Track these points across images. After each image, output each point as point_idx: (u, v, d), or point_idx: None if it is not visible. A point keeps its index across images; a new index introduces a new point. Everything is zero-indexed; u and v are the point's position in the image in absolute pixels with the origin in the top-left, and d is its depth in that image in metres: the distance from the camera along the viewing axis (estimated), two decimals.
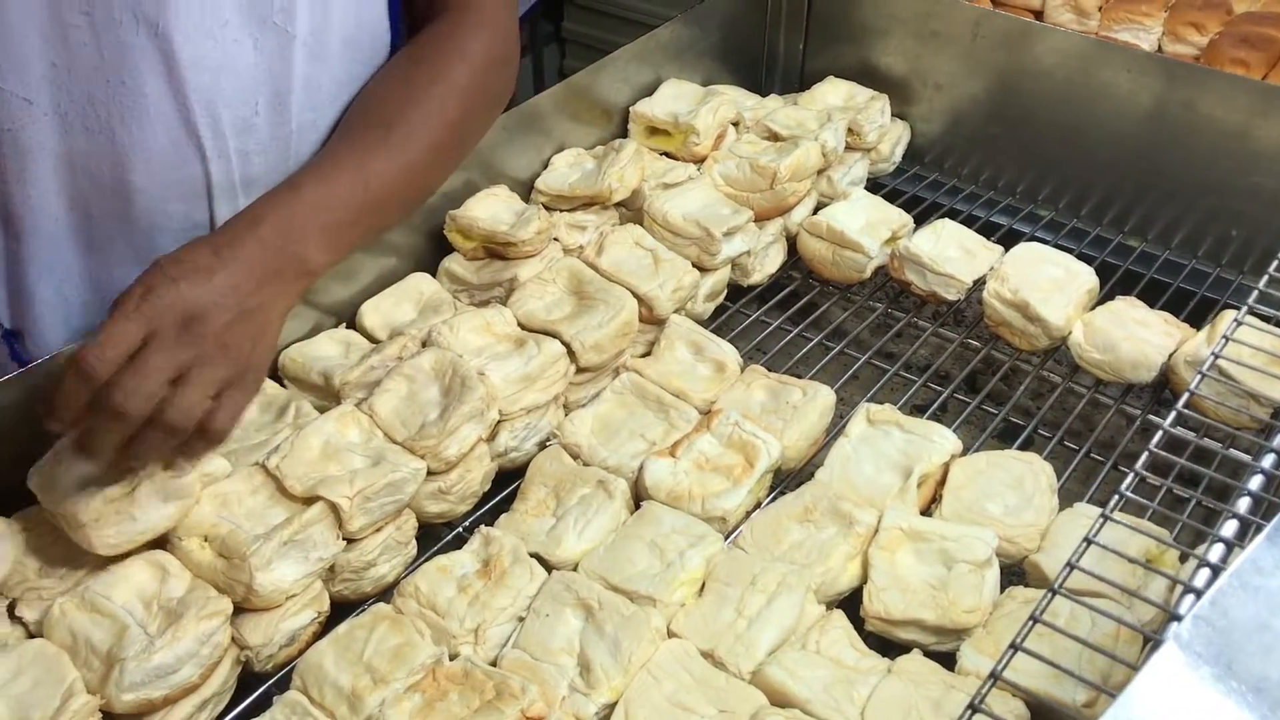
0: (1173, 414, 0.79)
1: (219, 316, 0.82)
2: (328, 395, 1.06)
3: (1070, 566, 0.69)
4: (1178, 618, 0.61)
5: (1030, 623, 0.66)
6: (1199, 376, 0.91)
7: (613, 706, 0.85)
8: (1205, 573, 0.71)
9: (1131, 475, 0.74)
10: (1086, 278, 1.25)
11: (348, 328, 1.17)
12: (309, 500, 0.92)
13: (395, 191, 0.98)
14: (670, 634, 0.91)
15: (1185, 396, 0.83)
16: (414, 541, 1.00)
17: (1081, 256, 1.31)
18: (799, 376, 1.16)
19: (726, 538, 0.99)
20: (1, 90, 0.92)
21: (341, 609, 0.95)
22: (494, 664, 0.88)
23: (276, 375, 1.10)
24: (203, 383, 0.81)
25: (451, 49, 1.04)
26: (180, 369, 0.80)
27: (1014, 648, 0.65)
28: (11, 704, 0.80)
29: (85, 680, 0.82)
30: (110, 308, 0.81)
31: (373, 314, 1.16)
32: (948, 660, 0.90)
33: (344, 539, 0.93)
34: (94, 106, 0.94)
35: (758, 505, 1.05)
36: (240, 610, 0.89)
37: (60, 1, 0.89)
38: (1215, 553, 0.73)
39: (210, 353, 0.81)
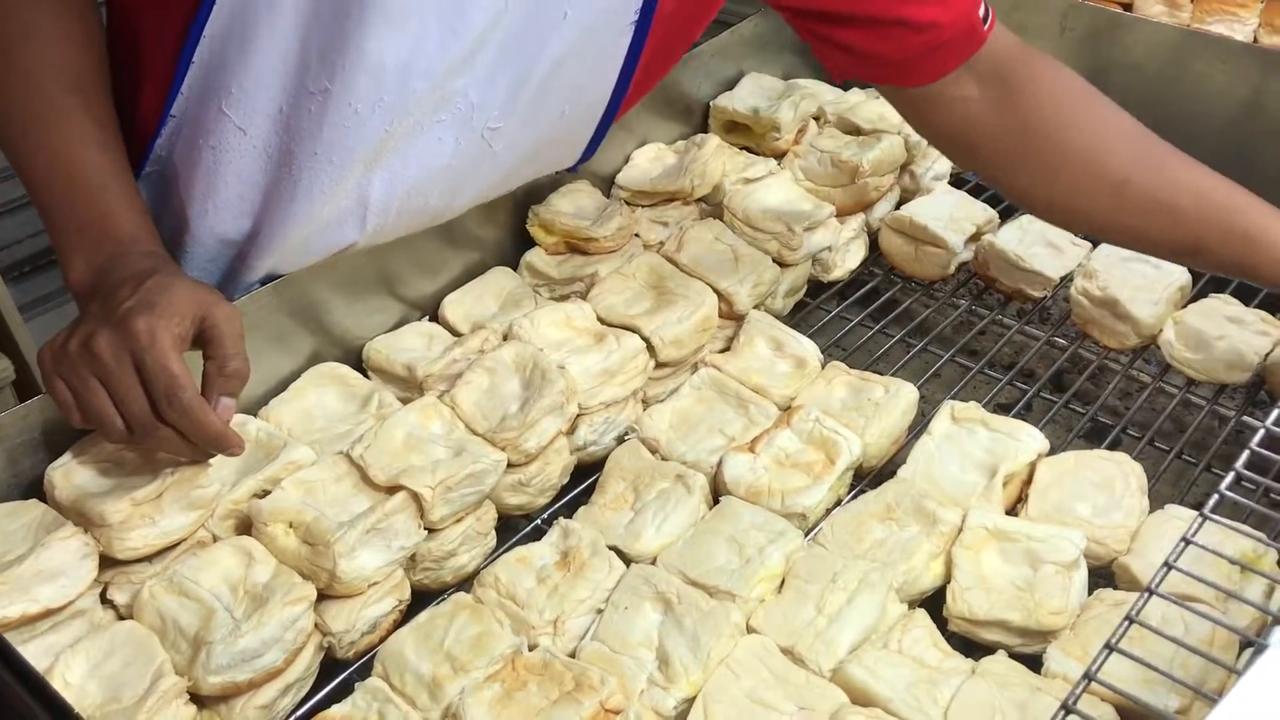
0: (1276, 412, 0.77)
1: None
2: (411, 387, 1.07)
3: (1168, 566, 0.67)
4: None
5: (1126, 623, 0.64)
6: None
7: (691, 701, 0.85)
8: None
9: (1231, 474, 0.72)
10: (1178, 275, 1.22)
11: (431, 321, 1.18)
12: (392, 490, 0.93)
13: None
14: (749, 630, 0.90)
15: None
16: (493, 532, 1.00)
17: None
18: (880, 374, 1.14)
19: (806, 535, 0.98)
20: (224, 116, 0.95)
21: (422, 598, 0.96)
22: (572, 655, 0.88)
23: (360, 366, 1.11)
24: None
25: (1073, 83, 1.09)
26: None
27: (1109, 648, 0.63)
28: (104, 683, 0.82)
29: (174, 662, 0.84)
30: None
31: (455, 307, 1.17)
32: (1033, 663, 0.88)
33: (425, 528, 0.94)
34: (291, 163, 0.97)
35: (838, 503, 1.03)
36: (323, 597, 0.90)
37: (308, 68, 0.91)
38: None
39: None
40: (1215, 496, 0.72)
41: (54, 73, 0.94)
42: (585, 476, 1.07)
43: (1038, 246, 1.28)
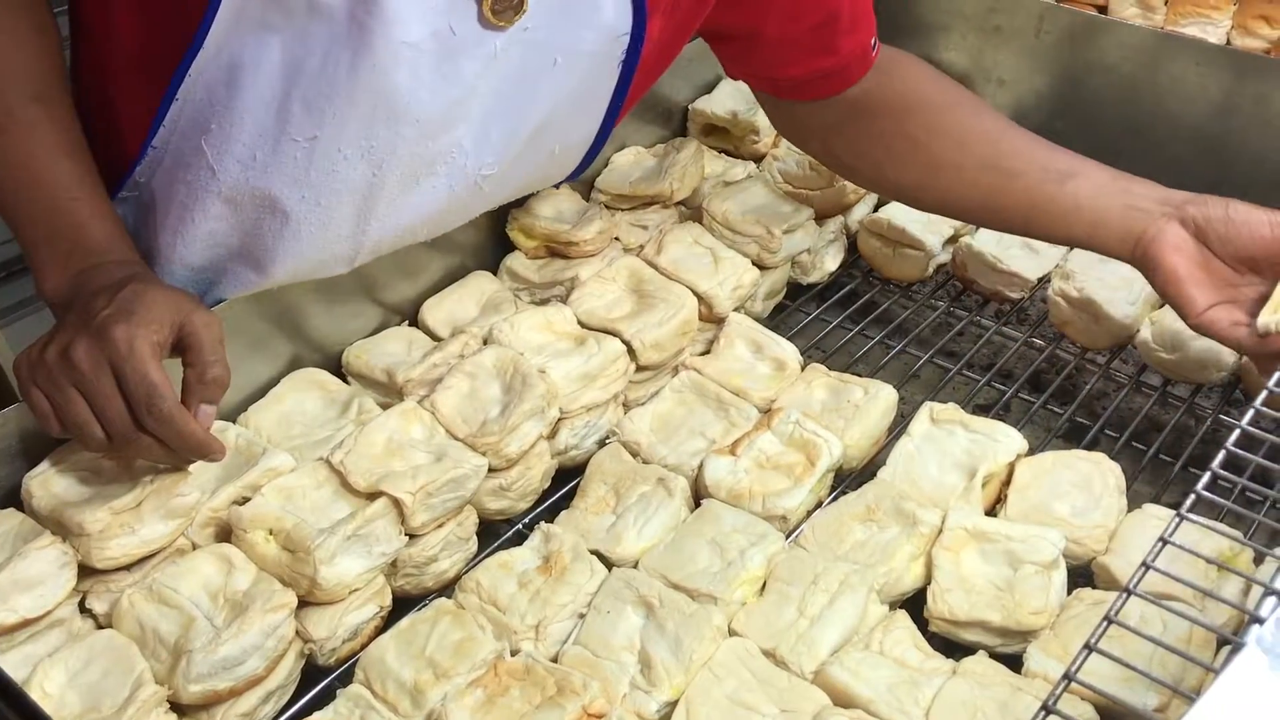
0: (1251, 412, 0.78)
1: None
2: (391, 392, 1.07)
3: (1146, 566, 0.67)
4: (1259, 620, 0.60)
5: (1104, 623, 0.65)
6: None
7: (674, 704, 0.85)
8: None
9: (1208, 474, 0.72)
10: None
11: (410, 325, 1.17)
12: (372, 495, 0.93)
13: None
14: (731, 632, 0.90)
15: (1264, 395, 0.81)
16: (475, 537, 1.00)
17: None
18: (860, 375, 1.15)
19: (788, 537, 0.98)
20: (203, 152, 0.94)
21: (403, 604, 0.95)
22: (555, 660, 0.88)
23: (340, 371, 1.11)
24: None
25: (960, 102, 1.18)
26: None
27: (1088, 648, 0.64)
28: (83, 693, 0.82)
29: (154, 670, 0.83)
30: None
31: (435, 312, 1.17)
32: (1013, 662, 0.89)
33: (406, 534, 0.93)
34: (273, 207, 0.96)
35: (819, 504, 1.04)
36: (304, 603, 0.90)
37: (290, 121, 0.90)
38: None
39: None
40: (1192, 496, 0.72)
41: (14, 83, 0.93)
42: (566, 480, 1.07)
43: (1015, 248, 1.29)
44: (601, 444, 1.09)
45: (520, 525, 1.05)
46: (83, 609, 0.89)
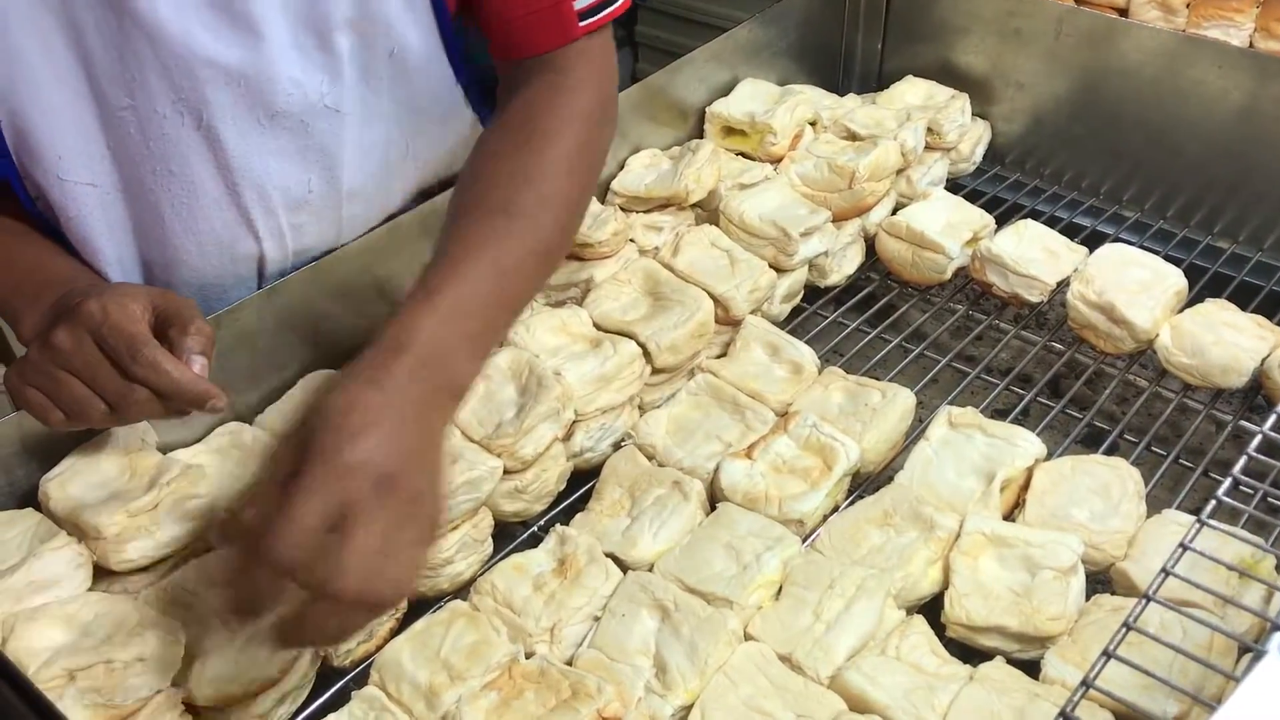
0: (1273, 417, 0.77)
1: (408, 469, 0.72)
2: None
3: (1165, 573, 0.67)
4: None
5: (1123, 630, 0.64)
6: None
7: (689, 709, 0.84)
8: None
9: (1229, 480, 0.72)
10: (1174, 279, 1.22)
11: None
12: None
13: (530, 279, 0.93)
14: (747, 637, 0.90)
15: None
16: (490, 539, 1.00)
17: (1169, 258, 1.27)
18: (877, 379, 1.14)
19: (804, 541, 0.98)
20: (64, 182, 0.93)
21: (418, 606, 0.95)
22: (569, 663, 0.88)
23: None
24: (406, 545, 0.72)
25: (559, 109, 0.99)
26: (383, 537, 0.70)
27: (1107, 655, 0.63)
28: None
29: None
30: (279, 472, 0.71)
31: None
32: (1031, 668, 0.88)
33: None
34: (145, 192, 0.95)
35: (835, 509, 1.03)
36: None
37: (106, 93, 0.90)
38: None
39: (407, 511, 0.72)
40: (1213, 502, 0.72)
41: None
42: (582, 483, 1.07)
43: (1034, 251, 1.28)
44: (617, 447, 1.09)
45: (535, 528, 1.05)
46: None
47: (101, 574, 0.88)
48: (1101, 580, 0.97)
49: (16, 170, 0.93)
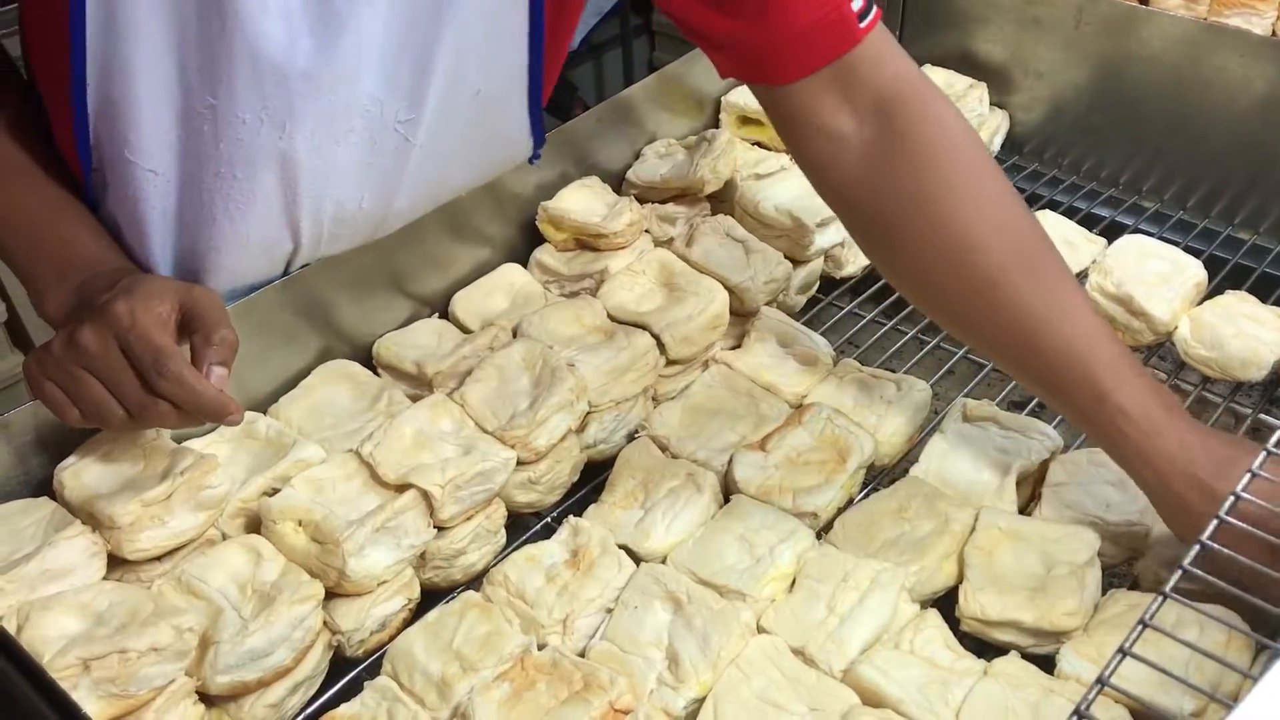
0: None
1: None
2: (421, 384, 1.07)
3: (1182, 569, 0.66)
4: None
5: (1139, 627, 0.63)
6: None
7: (701, 701, 0.84)
8: None
9: (1247, 475, 0.71)
10: (1194, 271, 1.21)
11: (440, 317, 1.17)
12: (401, 488, 0.93)
13: None
14: (760, 630, 0.89)
15: None
16: (503, 530, 1.00)
17: (1188, 250, 1.26)
18: (893, 371, 1.13)
19: (818, 534, 0.97)
20: (130, 163, 0.94)
21: (431, 596, 0.95)
22: (582, 655, 0.88)
23: (370, 363, 1.11)
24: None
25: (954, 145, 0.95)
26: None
27: (1122, 652, 0.63)
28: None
29: None
30: None
31: (465, 304, 1.17)
32: (1045, 663, 0.88)
33: (435, 526, 0.93)
34: (201, 190, 0.96)
35: (850, 501, 1.03)
36: (332, 595, 0.90)
37: (192, 90, 0.90)
38: None
39: None
40: (1230, 498, 0.71)
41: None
42: (595, 475, 1.07)
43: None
44: (630, 438, 1.08)
45: (549, 519, 1.05)
46: None
47: (115, 563, 0.88)
48: (1118, 575, 0.97)
49: (90, 134, 0.94)
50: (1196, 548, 0.66)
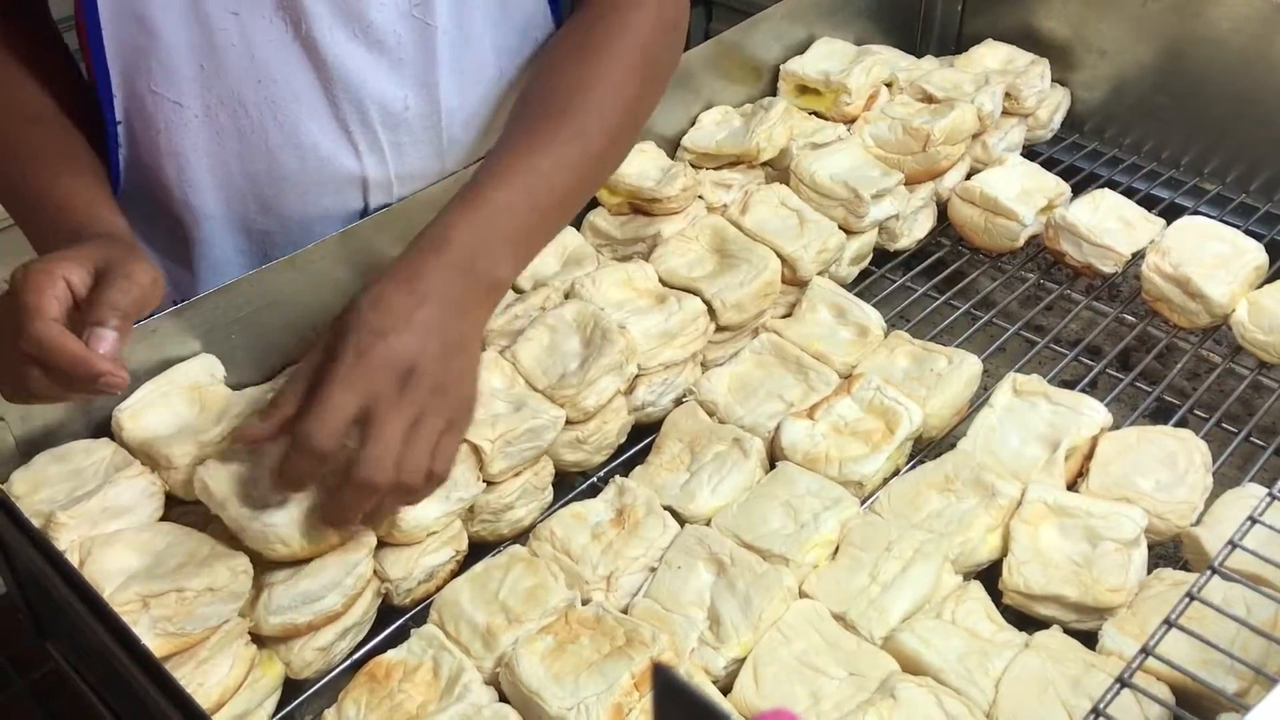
0: None
1: (432, 363, 0.79)
2: None
3: (1232, 545, 0.66)
4: None
5: (1186, 600, 0.63)
6: None
7: (741, 661, 0.85)
8: None
9: (1249, 523, 0.70)
10: (1254, 254, 1.19)
11: None
12: None
13: (576, 185, 0.95)
14: (802, 594, 0.90)
15: None
16: (550, 488, 1.01)
17: (1249, 233, 1.24)
18: (944, 345, 1.13)
19: (863, 503, 0.98)
20: (156, 94, 0.95)
21: (478, 549, 0.97)
22: (625, 612, 0.89)
23: None
24: (428, 435, 0.79)
25: (616, 22, 1.00)
26: (408, 427, 0.78)
27: (1168, 624, 0.62)
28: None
29: None
30: (311, 369, 0.79)
31: None
32: (1087, 639, 0.87)
33: (484, 481, 0.95)
34: (245, 107, 0.97)
35: (896, 472, 1.03)
36: (382, 544, 0.91)
37: (207, 4, 0.91)
38: None
39: (431, 402, 0.79)
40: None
41: (10, 108, 0.96)
42: (642, 437, 1.08)
43: (1110, 221, 1.26)
44: (678, 402, 1.09)
45: (595, 478, 1.06)
46: None
47: (172, 504, 0.90)
48: (1164, 553, 0.96)
49: (110, 80, 0.95)
50: (1247, 523, 0.66)
